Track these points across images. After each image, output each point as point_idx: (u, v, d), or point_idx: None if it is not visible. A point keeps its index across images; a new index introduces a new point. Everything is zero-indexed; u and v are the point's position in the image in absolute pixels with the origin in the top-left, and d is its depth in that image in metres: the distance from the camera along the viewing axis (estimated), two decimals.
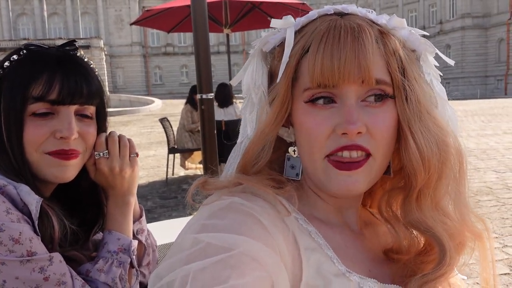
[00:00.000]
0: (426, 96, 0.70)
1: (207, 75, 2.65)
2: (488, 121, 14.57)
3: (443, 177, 0.69)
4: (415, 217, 0.69)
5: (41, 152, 1.01)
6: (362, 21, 0.69)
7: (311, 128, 0.69)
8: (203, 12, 2.62)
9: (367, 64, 0.65)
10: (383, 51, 0.68)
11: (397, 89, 0.69)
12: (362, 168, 0.68)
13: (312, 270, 0.65)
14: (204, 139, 2.69)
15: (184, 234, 0.63)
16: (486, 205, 5.61)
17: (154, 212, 5.84)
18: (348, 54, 0.65)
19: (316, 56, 0.67)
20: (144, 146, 11.78)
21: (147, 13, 7.99)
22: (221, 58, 49.16)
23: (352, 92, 0.67)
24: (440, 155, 0.68)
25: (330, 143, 0.68)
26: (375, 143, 0.68)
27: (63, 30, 55.53)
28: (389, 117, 0.68)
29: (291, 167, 0.76)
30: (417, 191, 0.69)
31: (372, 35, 0.67)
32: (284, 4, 7.93)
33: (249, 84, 0.78)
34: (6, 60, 1.04)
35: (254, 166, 0.73)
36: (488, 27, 50.66)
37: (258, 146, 0.73)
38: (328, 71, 0.66)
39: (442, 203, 0.70)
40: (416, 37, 0.72)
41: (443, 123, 0.71)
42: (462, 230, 0.70)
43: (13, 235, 0.89)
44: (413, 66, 0.71)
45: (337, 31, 0.67)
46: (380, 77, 0.67)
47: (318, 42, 0.67)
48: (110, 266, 1.07)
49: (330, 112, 0.68)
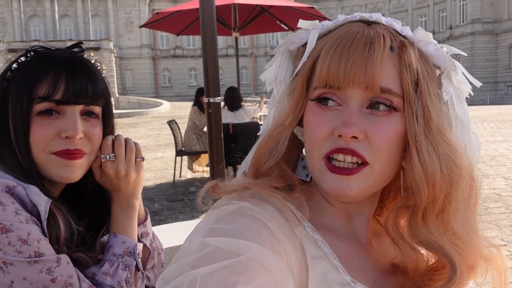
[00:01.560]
0: (438, 114, 0.69)
1: (215, 78, 2.65)
2: (497, 128, 14.45)
3: (453, 198, 0.67)
4: (424, 236, 0.68)
5: (48, 152, 1.02)
6: (383, 30, 0.68)
7: (313, 127, 0.69)
8: (211, 16, 2.63)
9: (373, 70, 0.65)
10: (397, 62, 0.67)
11: (407, 102, 0.67)
12: (354, 175, 0.67)
13: (318, 279, 0.65)
14: (211, 142, 2.69)
15: (192, 238, 0.63)
16: (495, 212, 5.56)
17: (161, 214, 5.86)
18: (357, 58, 0.65)
19: (326, 56, 0.68)
20: (152, 148, 11.82)
21: (157, 16, 8.03)
22: (229, 61, 49.29)
23: (355, 97, 0.67)
24: (449, 176, 0.66)
25: (327, 143, 0.68)
26: (373, 151, 0.67)
27: (73, 32, 55.98)
28: (392, 128, 0.67)
29: (303, 167, 0.77)
30: (422, 209, 0.68)
31: (386, 44, 0.67)
32: (293, 8, 7.95)
33: (271, 79, 0.80)
34: (14, 62, 1.07)
35: (267, 161, 0.73)
36: (498, 33, 50.30)
37: (273, 140, 0.74)
38: (334, 72, 0.67)
39: (452, 225, 0.69)
40: (441, 53, 0.71)
41: (457, 144, 0.69)
42: (473, 254, 0.68)
43: (22, 236, 0.90)
44: (430, 82, 0.70)
45: (352, 36, 0.68)
46: (386, 86, 0.66)
47: (331, 44, 0.69)
48: (116, 269, 1.07)
49: (333, 114, 0.68)
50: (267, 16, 8.15)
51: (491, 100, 45.14)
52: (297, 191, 0.72)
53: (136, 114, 24.22)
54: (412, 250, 0.73)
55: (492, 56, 50.28)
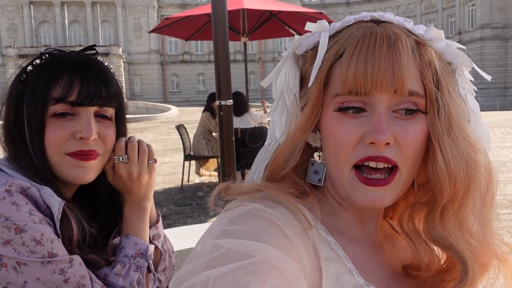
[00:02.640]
0: (458, 111, 0.69)
1: (226, 81, 2.66)
2: (508, 133, 14.31)
3: (470, 195, 0.67)
4: (438, 233, 0.68)
5: (62, 153, 1.03)
6: (398, 30, 0.68)
7: (339, 135, 0.67)
8: (223, 15, 2.63)
9: (401, 73, 0.64)
10: (418, 62, 0.66)
11: (430, 102, 0.67)
12: (390, 184, 0.67)
13: (331, 281, 0.64)
14: (222, 145, 2.68)
15: (204, 239, 0.63)
16: (506, 218, 5.50)
17: (169, 218, 5.87)
18: (383, 62, 0.64)
19: (350, 62, 0.66)
20: (160, 152, 11.86)
21: (166, 21, 8.09)
22: (237, 66, 49.41)
23: (383, 101, 0.66)
24: (468, 172, 0.66)
25: (357, 152, 0.67)
26: (403, 156, 0.66)
27: (83, 38, 56.51)
28: (419, 130, 0.67)
29: (314, 172, 0.76)
30: (441, 206, 0.67)
31: (408, 45, 0.66)
32: (302, 13, 7.97)
33: (282, 87, 0.77)
34: (29, 65, 1.08)
35: (283, 170, 0.73)
36: (508, 38, 49.98)
37: (289, 150, 0.73)
38: (361, 78, 0.65)
39: (467, 222, 0.68)
40: (453, 49, 0.71)
41: (474, 139, 0.69)
42: (487, 252, 0.68)
43: (35, 236, 0.90)
44: (448, 79, 0.69)
45: (372, 38, 0.66)
46: (413, 89, 0.66)
47: (353, 47, 0.66)
48: (128, 270, 1.07)
49: (359, 121, 0.67)
50: (276, 21, 8.17)
51: (500, 105, 44.78)
52: (309, 196, 0.72)
53: (144, 119, 24.33)
54: (427, 247, 0.72)
55: (502, 61, 49.96)
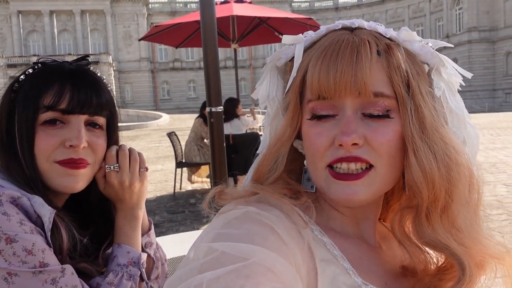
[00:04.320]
0: (432, 112, 0.69)
1: (216, 88, 2.66)
2: (497, 135, 14.47)
3: (455, 196, 0.67)
4: (429, 236, 0.68)
5: (51, 161, 1.03)
6: (367, 35, 0.69)
7: (312, 138, 0.70)
8: (212, 22, 2.63)
9: (363, 76, 0.65)
10: (385, 65, 0.67)
11: (401, 104, 0.68)
12: (361, 180, 0.67)
13: (327, 282, 0.64)
14: (214, 152, 2.69)
15: (198, 243, 0.63)
16: (497, 219, 5.54)
17: (162, 226, 5.83)
18: (345, 67, 0.66)
19: (315, 68, 0.68)
20: (152, 160, 11.81)
21: (156, 29, 8.09)
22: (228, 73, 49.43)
23: (349, 104, 0.67)
24: (447, 173, 0.66)
25: (329, 153, 0.68)
26: (377, 154, 0.67)
27: (72, 47, 56.28)
28: (391, 130, 0.68)
29: (307, 179, 0.77)
30: (425, 209, 0.68)
31: (373, 49, 0.67)
32: (291, 19, 8.00)
33: (264, 97, 0.80)
34: (22, 74, 1.09)
35: (268, 178, 0.74)
36: (495, 41, 50.61)
37: (271, 159, 0.74)
38: (324, 83, 0.67)
39: (459, 223, 0.68)
40: (427, 50, 0.71)
41: (452, 140, 0.69)
42: (480, 251, 0.68)
43: (26, 246, 0.90)
44: (421, 81, 0.70)
45: (338, 45, 0.68)
46: (378, 90, 0.67)
47: (318, 55, 0.69)
48: (121, 279, 1.07)
49: (331, 124, 0.68)
50: (266, 28, 8.21)
51: (489, 107, 45.25)
52: (304, 197, 0.72)
53: (135, 127, 24.23)
54: (419, 250, 0.72)
55: (490, 63, 50.56)
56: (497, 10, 50.04)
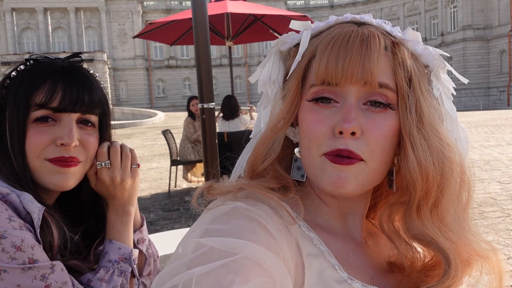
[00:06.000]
0: (430, 109, 0.71)
1: (208, 84, 2.66)
2: (491, 132, 14.54)
3: (446, 192, 0.68)
4: (418, 230, 0.69)
5: (42, 159, 1.02)
6: (375, 30, 0.71)
7: (311, 124, 0.70)
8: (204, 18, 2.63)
9: (371, 66, 0.67)
10: (391, 59, 0.69)
11: (401, 98, 0.69)
12: (351, 166, 0.68)
13: (314, 276, 0.65)
14: (206, 148, 2.68)
15: (187, 239, 0.63)
16: (491, 216, 5.58)
17: (157, 224, 5.83)
18: (354, 55, 0.67)
19: (323, 54, 0.69)
20: (147, 158, 11.79)
21: (150, 26, 8.06)
22: (223, 71, 49.46)
23: (353, 93, 0.68)
24: (440, 168, 0.68)
25: (327, 142, 0.68)
26: (369, 148, 0.68)
27: (67, 44, 56.02)
28: (387, 124, 0.69)
29: (297, 168, 0.77)
30: (416, 202, 0.69)
31: (381, 42, 0.69)
32: (286, 17, 8.00)
33: (265, 79, 0.80)
34: (13, 70, 1.08)
35: (264, 161, 0.74)
36: (489, 39, 50.80)
37: (269, 141, 0.74)
38: (332, 69, 0.68)
39: (448, 219, 0.69)
40: (429, 52, 0.74)
41: (447, 137, 0.70)
42: (466, 248, 0.69)
43: (15, 242, 0.89)
44: (422, 79, 0.72)
45: (347, 35, 0.69)
46: (383, 81, 0.68)
47: (328, 42, 0.70)
48: (111, 275, 1.06)
49: (331, 111, 0.69)
50: (260, 25, 8.20)
51: (484, 105, 45.47)
52: (292, 191, 0.72)
53: (130, 125, 24.18)
54: (407, 246, 0.73)
55: (484, 61, 50.75)
56: (492, 8, 50.25)
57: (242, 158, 0.82)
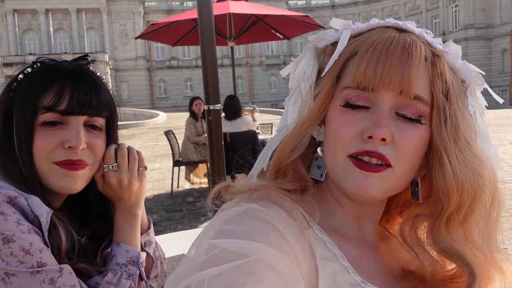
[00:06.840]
0: (465, 123, 0.70)
1: (214, 85, 2.66)
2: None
3: (475, 207, 0.68)
4: (446, 243, 0.69)
5: (50, 162, 1.02)
6: (417, 39, 0.70)
7: (340, 125, 0.70)
8: (210, 20, 2.62)
9: (410, 75, 0.66)
10: (430, 71, 0.69)
11: (436, 110, 0.69)
12: (379, 173, 0.67)
13: (327, 279, 0.65)
14: (212, 150, 2.67)
15: (199, 240, 0.63)
16: None
17: (160, 225, 5.83)
18: (394, 62, 0.67)
19: (363, 57, 0.69)
20: (149, 159, 11.80)
21: (152, 27, 8.07)
22: (225, 71, 49.38)
23: (388, 100, 0.68)
24: (474, 183, 0.67)
25: (354, 144, 0.68)
26: (398, 155, 0.68)
27: (68, 45, 56.09)
28: (418, 135, 0.68)
29: (317, 167, 0.77)
30: (447, 215, 0.69)
31: (422, 52, 0.68)
32: (288, 17, 8.00)
33: (300, 75, 0.79)
34: (21, 73, 1.08)
35: (290, 157, 0.74)
36: (491, 38, 50.76)
37: (298, 137, 0.74)
38: (370, 73, 0.67)
39: (473, 235, 0.69)
40: (468, 67, 0.73)
41: (481, 153, 0.70)
42: (491, 265, 0.69)
43: (24, 246, 0.89)
44: (459, 93, 0.71)
45: (389, 40, 0.69)
46: (419, 94, 0.68)
47: (369, 45, 0.69)
48: (120, 278, 1.06)
49: (362, 116, 0.69)
50: (262, 25, 8.20)
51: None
52: (309, 194, 0.72)
53: (132, 126, 24.19)
54: (430, 257, 0.73)
55: (486, 61, 50.68)
56: (493, 7, 50.20)
57: (265, 152, 0.82)
